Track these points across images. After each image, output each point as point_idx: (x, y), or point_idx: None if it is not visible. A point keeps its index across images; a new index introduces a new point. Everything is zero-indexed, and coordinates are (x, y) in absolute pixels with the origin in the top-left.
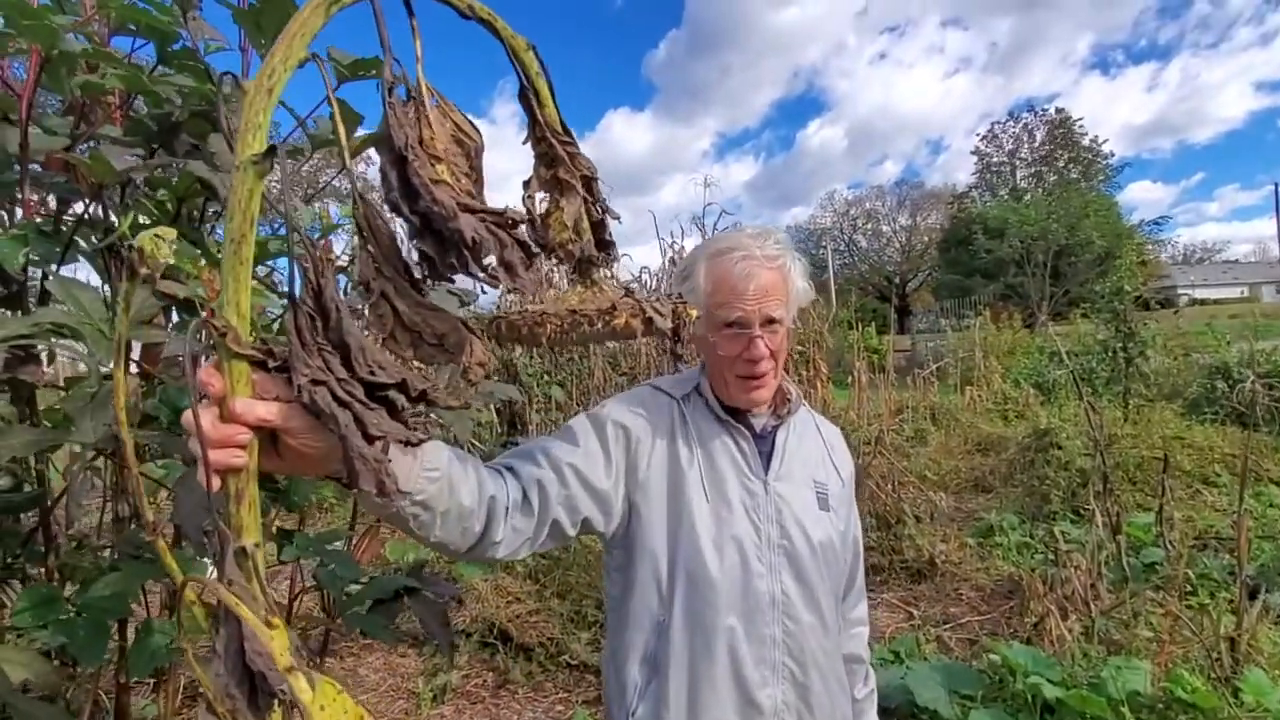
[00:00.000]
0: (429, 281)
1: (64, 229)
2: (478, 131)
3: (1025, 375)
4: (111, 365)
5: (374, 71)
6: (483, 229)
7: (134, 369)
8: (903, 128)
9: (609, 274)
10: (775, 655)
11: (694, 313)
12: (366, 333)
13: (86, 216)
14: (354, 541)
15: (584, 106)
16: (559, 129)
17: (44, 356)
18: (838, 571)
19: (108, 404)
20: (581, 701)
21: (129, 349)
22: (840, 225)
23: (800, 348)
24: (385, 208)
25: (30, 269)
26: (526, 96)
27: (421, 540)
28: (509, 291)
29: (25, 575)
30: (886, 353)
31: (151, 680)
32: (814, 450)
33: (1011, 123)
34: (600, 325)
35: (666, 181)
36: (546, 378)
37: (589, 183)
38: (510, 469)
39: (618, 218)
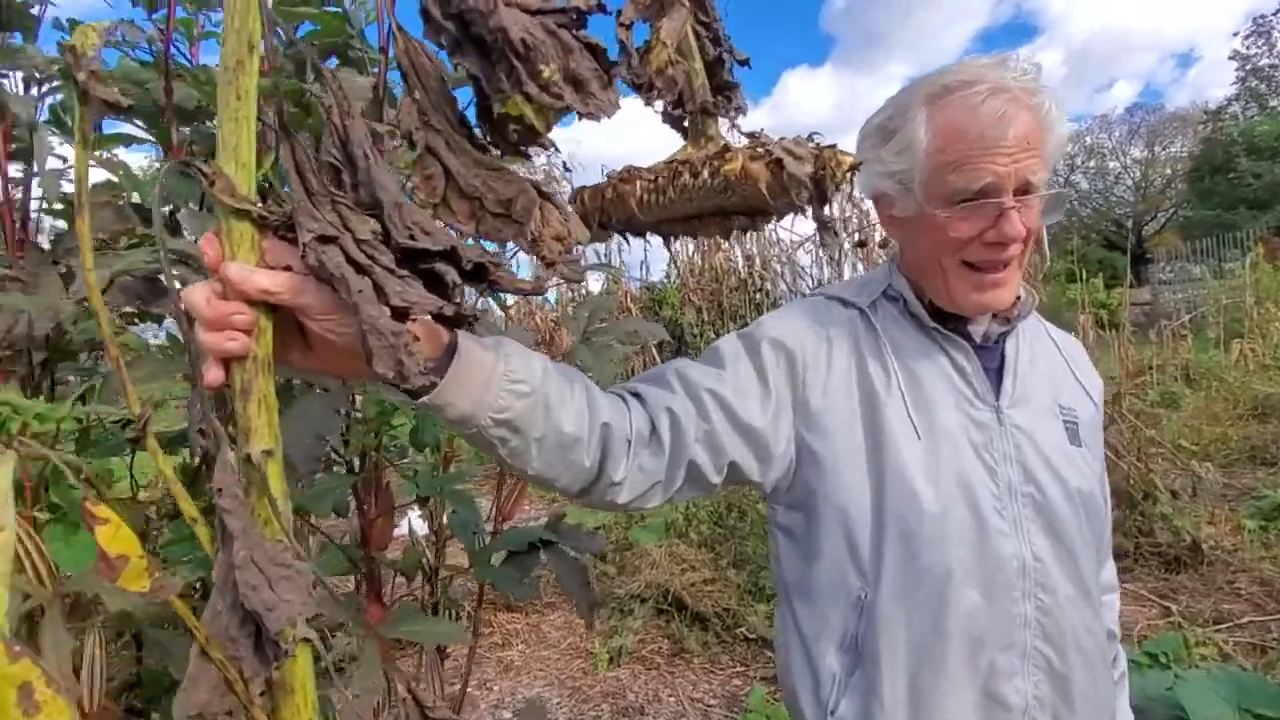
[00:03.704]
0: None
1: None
2: None
3: None
4: None
5: None
6: (538, 29)
7: None
8: (1138, 43)
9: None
10: (1026, 639)
11: (847, 160)
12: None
13: None
14: (505, 494)
15: (758, 70)
16: None
17: None
18: (1099, 523)
19: None
20: (760, 678)
21: None
22: (1054, 167)
23: None
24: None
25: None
26: None
27: (519, 473)
28: (581, 117)
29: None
30: (1119, 306)
31: None
32: (1053, 365)
33: None
34: (707, 175)
35: (847, 140)
36: (713, 335)
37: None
38: (636, 395)
39: (745, 61)
